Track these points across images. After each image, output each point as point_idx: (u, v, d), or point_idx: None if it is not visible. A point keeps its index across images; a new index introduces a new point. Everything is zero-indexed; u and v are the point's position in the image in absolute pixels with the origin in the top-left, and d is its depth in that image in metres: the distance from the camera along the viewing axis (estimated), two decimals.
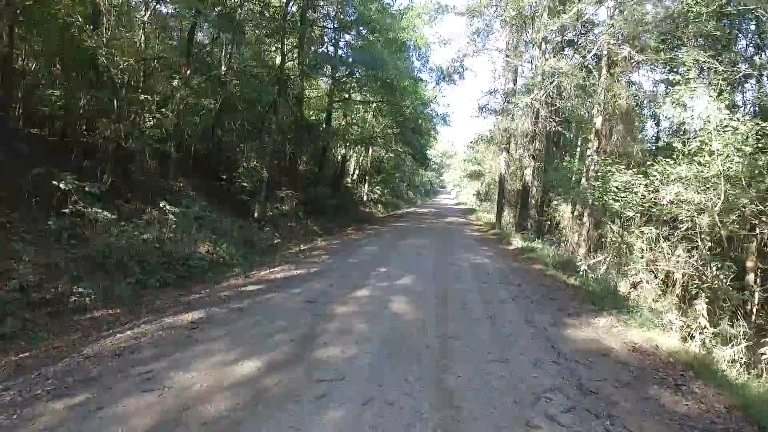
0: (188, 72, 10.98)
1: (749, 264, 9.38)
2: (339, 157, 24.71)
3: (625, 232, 11.90)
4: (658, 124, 19.11)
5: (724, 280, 7.57)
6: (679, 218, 9.64)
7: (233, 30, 13.02)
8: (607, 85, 13.31)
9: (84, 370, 3.53)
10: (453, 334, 4.74)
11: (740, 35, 14.28)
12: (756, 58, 13.27)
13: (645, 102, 17.46)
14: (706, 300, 6.51)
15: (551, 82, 13.69)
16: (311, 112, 21.20)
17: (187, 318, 4.95)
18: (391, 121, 26.16)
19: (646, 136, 17.76)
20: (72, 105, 9.58)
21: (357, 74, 20.32)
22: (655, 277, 11.46)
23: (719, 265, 7.54)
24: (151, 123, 9.75)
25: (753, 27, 13.75)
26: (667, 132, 16.64)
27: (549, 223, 19.98)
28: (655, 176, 9.02)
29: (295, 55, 17.30)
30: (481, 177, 40.32)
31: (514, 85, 17.12)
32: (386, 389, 3.40)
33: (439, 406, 3.20)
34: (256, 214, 13.28)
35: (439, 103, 27.74)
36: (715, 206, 7.64)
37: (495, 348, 4.42)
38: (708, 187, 7.79)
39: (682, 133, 16.26)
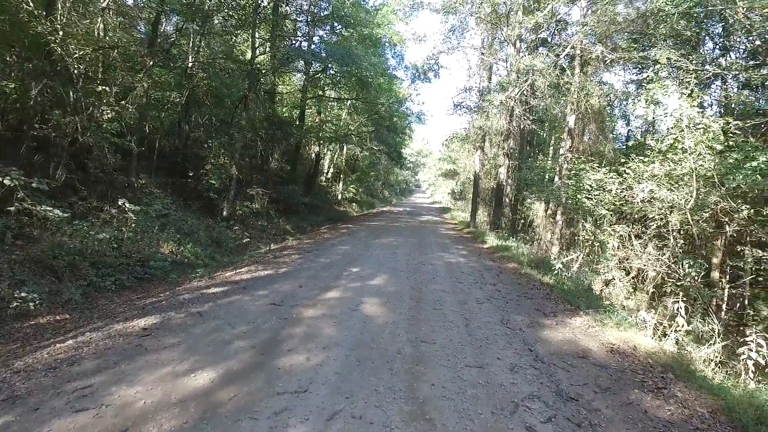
0: (151, 63, 10.41)
1: (714, 261, 9.51)
2: (313, 155, 24.28)
3: (598, 230, 11.96)
4: (628, 124, 19.47)
5: (696, 278, 7.60)
6: (650, 216, 9.71)
7: (201, 20, 12.48)
8: (580, 83, 13.38)
9: (10, 387, 3.11)
10: (427, 338, 4.50)
11: (707, 38, 14.58)
12: (722, 60, 13.55)
13: (616, 102, 17.73)
14: (683, 298, 6.45)
15: (526, 81, 13.67)
16: (284, 109, 20.76)
17: (139, 324, 4.54)
18: (365, 119, 25.88)
19: (617, 135, 18.02)
20: (23, 96, 8.92)
21: (331, 71, 19.96)
22: (627, 274, 11.57)
23: (691, 263, 7.56)
24: (109, 116, 9.18)
25: (720, 30, 14.05)
26: (639, 131, 16.92)
27: (523, 221, 20.09)
28: (628, 174, 9.03)
29: (267, 49, 16.83)
30: (456, 176, 40.55)
31: (489, 83, 17.08)
32: (354, 401, 3.12)
33: (411, 419, 2.93)
34: (225, 213, 12.78)
35: (414, 101, 27.64)
36: (688, 204, 7.67)
37: (470, 352, 4.19)
38: (681, 185, 7.81)
39: (653, 132, 16.56)
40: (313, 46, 18.85)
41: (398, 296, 6.19)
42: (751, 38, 10.60)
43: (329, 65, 19.22)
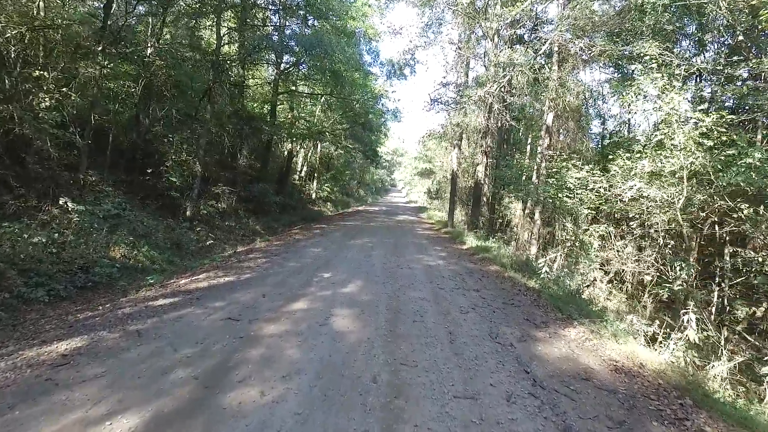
0: (101, 48, 9.43)
1: (697, 261, 9.24)
2: (285, 152, 23.36)
3: (579, 230, 11.62)
4: (603, 123, 19.34)
5: (687, 280, 7.23)
6: (634, 216, 9.39)
7: (159, 2, 11.52)
8: (558, 79, 13.02)
9: None
10: (407, 359, 3.85)
11: (682, 36, 14.49)
12: (696, 58, 13.42)
13: (591, 101, 17.54)
14: (692, 309, 6.00)
15: (504, 76, 13.23)
16: (255, 105, 19.79)
17: (58, 349, 3.74)
18: (340, 116, 25.14)
19: (591, 135, 17.82)
20: None
21: (304, 66, 19.18)
22: (606, 274, 11.25)
23: (682, 265, 7.18)
24: (48, 104, 8.20)
25: (694, 28, 13.92)
26: (615, 130, 16.74)
27: (501, 221, 19.76)
28: (616, 172, 8.63)
29: (234, 38, 15.89)
30: (432, 175, 40.21)
31: (467, 78, 16.60)
32: None
33: None
34: (188, 213, 11.86)
35: (389, 98, 27.07)
36: (678, 202, 7.30)
37: (459, 377, 3.57)
38: (671, 183, 7.43)
39: (629, 131, 16.43)
40: (284, 40, 18.03)
41: (374, 306, 5.53)
42: (732, 33, 10.40)
43: (301, 59, 18.45)
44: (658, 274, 8.41)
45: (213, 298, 5.53)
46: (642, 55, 8.71)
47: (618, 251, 10.69)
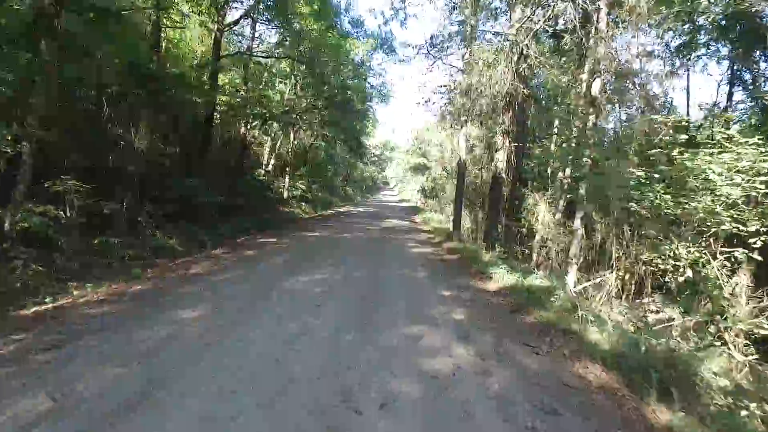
0: None
1: None
2: (249, 138, 17.98)
3: (679, 248, 6.65)
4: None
5: None
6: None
7: None
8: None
9: None
10: None
11: None
12: None
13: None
14: None
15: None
16: (187, 66, 14.27)
17: None
18: (312, 94, 19.94)
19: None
20: None
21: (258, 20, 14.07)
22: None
23: None
24: None
25: None
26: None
27: (523, 229, 14.62)
28: None
29: None
30: (427, 171, 35.03)
31: (475, 14, 11.23)
32: None
33: None
34: (7, 226, 6.61)
35: (374, 71, 21.88)
36: None
37: None
38: None
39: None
40: None
41: None
42: None
43: (252, 11, 13.36)
44: None
45: None
46: None
47: None
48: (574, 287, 11.01)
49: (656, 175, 6.48)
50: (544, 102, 15.12)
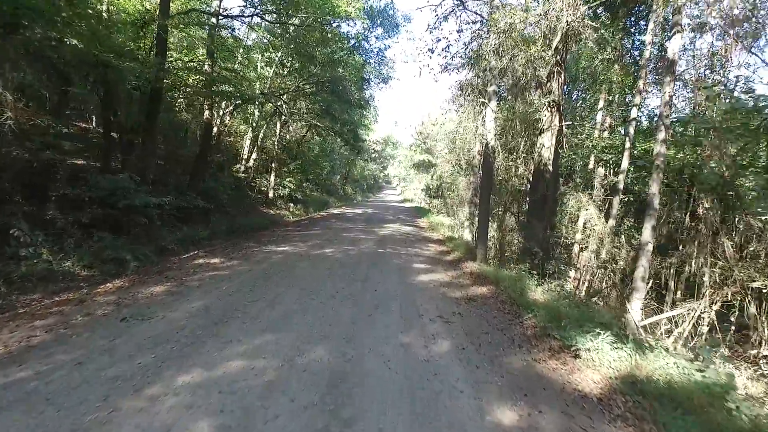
0: None
1: None
2: (214, 123, 14.65)
3: None
4: None
5: None
6: None
7: None
8: None
9: None
10: None
11: None
12: None
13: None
14: None
15: None
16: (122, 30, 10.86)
17: None
18: (296, 75, 16.68)
19: None
20: None
21: None
22: None
23: None
24: None
25: None
26: None
27: (564, 239, 11.26)
28: None
29: None
30: (432, 168, 31.60)
31: None
32: None
33: None
34: None
35: (371, 45, 18.56)
36: None
37: None
38: None
39: None
40: None
41: None
42: None
43: None
44: None
45: None
46: None
47: None
48: (641, 321, 7.83)
49: None
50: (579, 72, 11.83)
